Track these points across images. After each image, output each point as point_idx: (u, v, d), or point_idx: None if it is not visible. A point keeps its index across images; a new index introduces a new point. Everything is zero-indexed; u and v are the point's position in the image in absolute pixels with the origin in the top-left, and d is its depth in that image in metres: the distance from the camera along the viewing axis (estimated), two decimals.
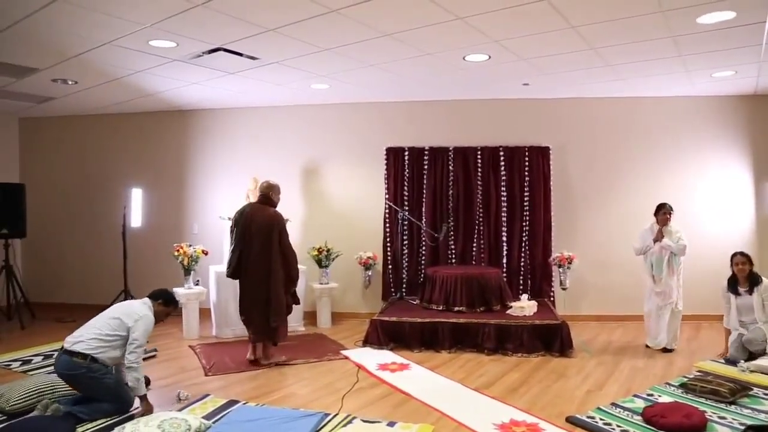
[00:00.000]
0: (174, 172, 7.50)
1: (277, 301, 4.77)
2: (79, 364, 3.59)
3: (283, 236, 4.76)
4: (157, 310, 3.93)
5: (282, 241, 4.74)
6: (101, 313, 3.86)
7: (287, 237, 4.77)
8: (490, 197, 6.78)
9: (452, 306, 5.79)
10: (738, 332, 4.84)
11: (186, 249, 6.04)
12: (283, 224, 4.78)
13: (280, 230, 4.77)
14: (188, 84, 5.96)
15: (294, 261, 4.77)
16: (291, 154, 7.20)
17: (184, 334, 6.08)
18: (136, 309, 3.81)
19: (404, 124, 7.02)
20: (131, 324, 3.69)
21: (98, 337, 3.67)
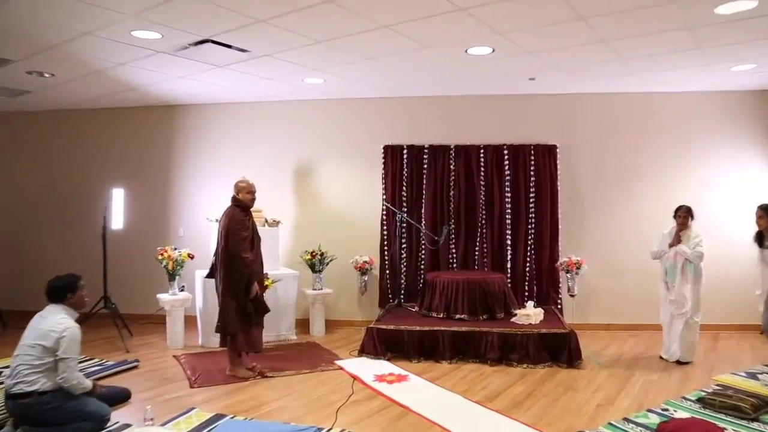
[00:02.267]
0: (158, 171, 7.47)
1: (222, 308, 4.75)
2: (29, 404, 3.45)
3: (229, 236, 4.68)
4: (74, 303, 3.73)
5: (226, 243, 4.68)
6: (20, 342, 3.62)
7: (234, 236, 4.66)
8: (494, 198, 6.77)
9: (453, 313, 5.77)
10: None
11: (171, 252, 6.02)
12: (231, 224, 4.69)
13: (226, 230, 4.71)
14: (174, 78, 5.93)
15: (238, 264, 4.63)
16: (283, 153, 7.19)
17: (168, 343, 6.06)
18: (51, 326, 3.57)
19: (403, 120, 7.01)
20: (52, 345, 3.53)
21: (32, 370, 3.51)
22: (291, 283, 6.43)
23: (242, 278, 4.70)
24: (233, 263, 4.70)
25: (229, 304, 4.74)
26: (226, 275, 4.75)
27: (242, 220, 4.79)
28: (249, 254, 4.73)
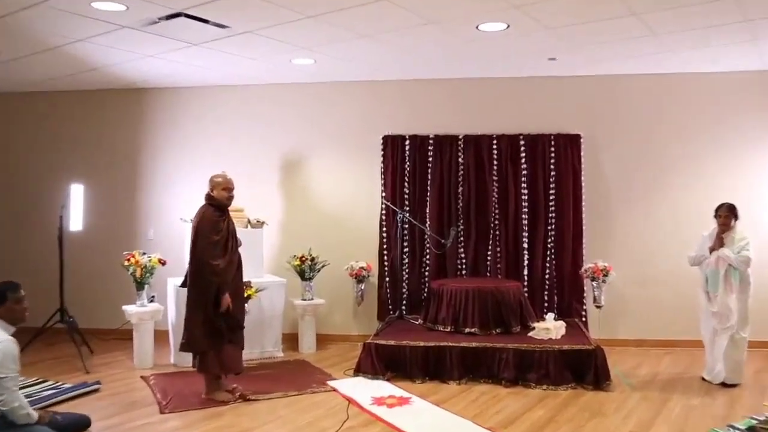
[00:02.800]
0: (124, 164, 7.45)
1: (186, 322, 4.75)
2: None
3: (197, 240, 4.65)
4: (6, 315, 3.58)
5: (194, 247, 4.67)
6: None
7: (203, 240, 4.63)
8: (509, 195, 6.75)
9: (462, 327, 5.78)
10: None
11: (139, 258, 6.00)
12: (200, 225, 4.66)
13: (195, 232, 4.69)
14: (142, 57, 5.90)
15: (206, 272, 4.61)
16: (269, 144, 7.19)
17: (135, 362, 6.02)
18: None
19: (405, 107, 7.01)
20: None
21: None
22: (277, 293, 6.41)
23: (210, 288, 4.66)
24: (201, 271, 4.66)
25: (194, 317, 4.71)
26: (193, 284, 4.72)
27: (215, 222, 4.76)
28: (219, 261, 4.68)
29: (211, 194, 4.84)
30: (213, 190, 4.84)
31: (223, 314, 4.70)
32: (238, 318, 4.87)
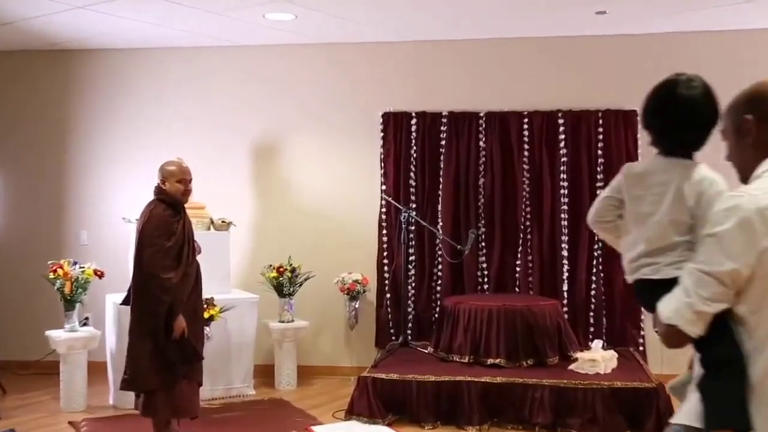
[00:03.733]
0: (49, 149, 7.39)
1: (129, 352, 4.67)
2: None
3: (144, 247, 4.56)
4: None
5: (139, 256, 4.61)
6: None
7: (151, 247, 4.54)
8: (543, 188, 6.73)
9: (484, 357, 5.76)
10: None
11: (68, 269, 5.88)
12: (148, 228, 4.58)
13: (141, 235, 4.62)
14: (70, 8, 5.81)
15: (154, 288, 4.53)
16: (236, 123, 7.19)
17: (62, 403, 5.94)
18: None
19: (410, 76, 7.01)
20: None
21: None
22: (248, 313, 6.39)
23: (160, 308, 4.54)
24: (148, 286, 4.57)
25: (139, 346, 4.60)
26: (138, 303, 4.64)
27: (167, 222, 4.65)
28: (172, 274, 4.56)
29: (163, 187, 4.73)
30: (165, 182, 4.73)
31: (176, 342, 4.57)
32: (195, 346, 4.75)
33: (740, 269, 1.86)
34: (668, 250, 2.13)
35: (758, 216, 1.85)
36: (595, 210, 2.46)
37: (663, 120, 2.25)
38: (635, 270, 2.21)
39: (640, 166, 2.33)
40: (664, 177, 2.20)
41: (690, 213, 2.12)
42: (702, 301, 1.90)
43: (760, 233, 1.84)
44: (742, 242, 1.86)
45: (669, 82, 2.23)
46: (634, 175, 2.28)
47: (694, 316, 1.92)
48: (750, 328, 1.90)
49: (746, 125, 1.98)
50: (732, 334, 1.92)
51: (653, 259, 2.15)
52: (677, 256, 2.10)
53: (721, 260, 1.88)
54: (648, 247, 2.17)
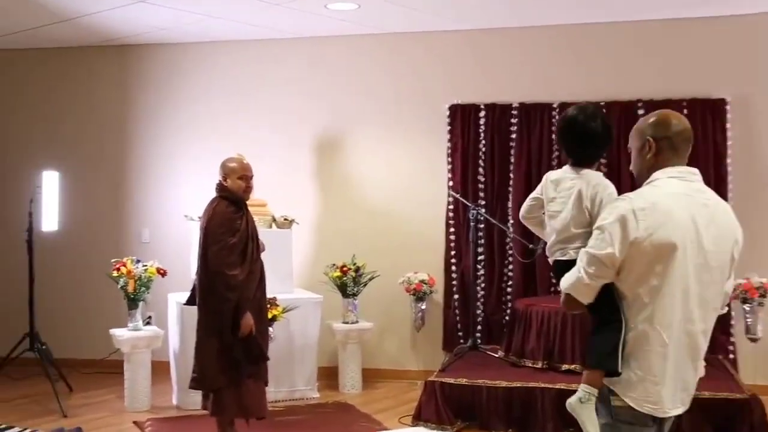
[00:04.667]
0: (108, 145, 7.51)
1: (198, 352, 4.75)
2: None
3: (209, 244, 4.68)
4: None
5: (204, 254, 4.69)
6: None
7: (216, 244, 4.65)
8: (622, 183, 6.34)
9: (558, 362, 5.71)
10: None
11: (131, 267, 6.01)
12: (212, 225, 4.69)
13: (205, 233, 4.71)
14: (133, 2, 5.92)
15: (221, 286, 4.61)
16: (298, 119, 7.22)
17: (126, 403, 6.05)
18: None
19: (478, 66, 6.97)
20: None
21: None
22: (311, 314, 6.44)
23: (226, 306, 4.63)
24: (214, 284, 4.65)
25: (207, 345, 4.69)
26: (204, 302, 4.71)
27: (231, 219, 4.73)
28: (238, 270, 4.64)
29: (224, 184, 4.82)
30: (226, 179, 4.81)
31: (244, 340, 4.66)
32: (261, 346, 4.84)
33: (616, 253, 2.50)
34: (573, 239, 2.86)
35: (632, 215, 2.48)
36: (524, 208, 3.21)
37: (570, 141, 2.98)
38: (552, 254, 2.97)
39: (555, 174, 3.03)
40: (571, 183, 2.93)
41: (587, 211, 2.84)
42: (589, 277, 2.55)
43: (632, 228, 2.47)
44: (619, 233, 2.49)
45: (573, 113, 2.96)
46: (551, 181, 3.02)
47: (584, 287, 2.58)
48: (628, 302, 2.56)
49: (647, 145, 2.63)
50: (613, 302, 2.58)
51: (563, 246, 2.90)
52: (579, 243, 2.78)
53: (603, 246, 2.52)
54: (558, 236, 2.92)
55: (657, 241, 2.47)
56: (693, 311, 2.54)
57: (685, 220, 2.50)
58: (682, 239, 2.48)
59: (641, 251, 2.48)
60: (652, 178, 2.63)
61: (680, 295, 2.51)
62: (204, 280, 4.72)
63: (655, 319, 2.50)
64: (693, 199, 2.56)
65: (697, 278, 2.53)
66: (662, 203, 2.51)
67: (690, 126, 2.68)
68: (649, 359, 2.51)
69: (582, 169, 2.94)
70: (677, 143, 2.62)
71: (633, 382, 2.51)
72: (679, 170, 2.61)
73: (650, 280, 2.50)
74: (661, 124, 2.64)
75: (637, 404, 2.51)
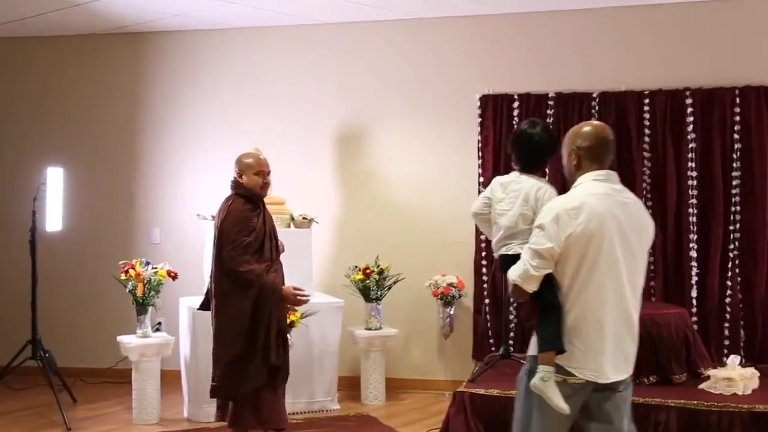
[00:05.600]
0: (118, 139, 7.53)
1: (217, 354, 4.78)
2: None
3: (223, 244, 4.70)
4: None
5: (219, 254, 4.73)
6: None
7: (230, 244, 4.67)
8: (667, 179, 6.62)
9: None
10: None
11: (140, 270, 5.98)
12: (227, 224, 4.72)
13: (220, 232, 4.72)
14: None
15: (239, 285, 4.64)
16: (318, 111, 7.24)
17: (134, 414, 6.04)
18: None
19: (511, 53, 6.96)
20: None
21: None
22: (331, 319, 6.41)
23: (245, 306, 4.66)
24: (231, 285, 4.68)
25: (227, 349, 4.69)
26: (222, 306, 4.72)
27: (247, 218, 4.74)
28: (255, 266, 4.67)
29: (240, 181, 4.83)
30: (242, 176, 4.82)
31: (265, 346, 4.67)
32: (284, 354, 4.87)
33: (554, 247, 3.11)
34: (518, 234, 3.56)
35: (565, 213, 3.11)
36: (476, 206, 3.91)
37: (519, 151, 3.74)
38: (498, 249, 3.67)
39: (504, 178, 3.76)
40: (518, 186, 3.65)
41: (531, 210, 3.52)
42: (534, 269, 3.14)
43: (566, 224, 3.09)
44: (556, 230, 3.10)
45: (524, 127, 3.78)
46: (500, 184, 3.74)
47: (530, 278, 3.16)
48: (566, 290, 3.17)
49: (575, 152, 3.27)
50: (553, 289, 3.18)
51: (508, 241, 3.61)
52: (523, 239, 3.42)
53: (543, 241, 3.13)
54: (506, 233, 3.62)
55: (587, 234, 3.09)
56: (624, 291, 3.19)
57: (610, 216, 3.13)
58: (608, 232, 3.12)
59: (575, 244, 3.10)
60: (579, 181, 3.26)
61: (611, 279, 3.14)
62: (220, 282, 4.73)
63: (590, 300, 3.13)
64: (614, 198, 3.21)
65: (624, 263, 3.17)
66: (590, 203, 3.14)
67: (612, 136, 3.33)
68: (588, 335, 3.13)
69: (528, 175, 3.67)
70: (599, 151, 3.27)
71: (576, 355, 3.14)
72: (601, 173, 3.24)
73: (584, 267, 3.12)
74: (586, 135, 3.29)
75: (581, 373, 3.13)
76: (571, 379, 3.14)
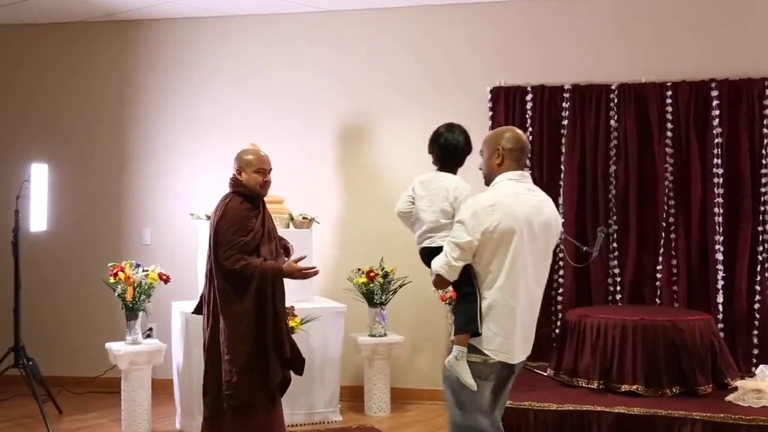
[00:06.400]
0: (109, 135, 7.53)
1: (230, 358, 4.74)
2: None
3: (218, 244, 4.71)
4: None
5: (215, 256, 4.74)
6: None
7: (226, 245, 4.68)
8: (691, 177, 6.59)
9: (617, 383, 5.64)
10: None
11: (130, 272, 5.97)
12: (223, 224, 4.73)
13: (215, 234, 4.72)
14: None
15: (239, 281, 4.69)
16: (319, 103, 7.26)
17: (123, 427, 6.04)
18: None
19: (524, 42, 6.97)
20: None
21: None
22: (333, 325, 6.43)
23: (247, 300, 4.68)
24: (229, 286, 4.68)
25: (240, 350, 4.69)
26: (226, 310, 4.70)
27: (244, 218, 4.74)
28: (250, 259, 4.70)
29: (239, 178, 4.83)
30: (241, 173, 4.82)
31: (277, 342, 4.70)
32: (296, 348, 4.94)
33: (473, 241, 3.56)
34: (440, 228, 3.91)
35: (483, 210, 3.57)
36: (400, 205, 4.21)
37: (437, 151, 4.13)
38: (421, 242, 4.03)
39: (424, 177, 4.12)
40: (438, 183, 4.03)
41: (451, 206, 3.91)
42: (455, 260, 3.60)
43: (483, 220, 3.54)
44: (474, 224, 3.55)
45: (441, 129, 4.14)
46: (421, 182, 4.11)
47: (450, 268, 3.62)
48: (481, 279, 3.65)
49: (500, 152, 3.73)
50: (470, 279, 3.66)
51: (431, 234, 3.96)
52: (445, 233, 3.82)
53: (463, 235, 3.58)
54: (428, 227, 3.98)
55: (502, 229, 3.56)
56: (531, 282, 3.70)
57: (522, 213, 3.60)
58: (519, 227, 3.58)
59: (491, 238, 3.56)
60: (496, 180, 3.74)
61: (521, 270, 3.62)
62: (220, 287, 4.73)
63: (504, 289, 3.61)
64: (526, 197, 3.69)
65: (532, 257, 3.67)
66: (504, 200, 3.62)
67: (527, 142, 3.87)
68: (501, 320, 3.61)
69: (446, 174, 4.07)
70: (519, 155, 3.76)
71: (490, 337, 3.61)
72: (516, 174, 3.72)
73: (498, 259, 3.59)
74: (510, 138, 3.76)
75: (494, 354, 3.62)
76: (490, 360, 3.62)
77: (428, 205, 4.00)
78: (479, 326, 3.59)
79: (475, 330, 3.60)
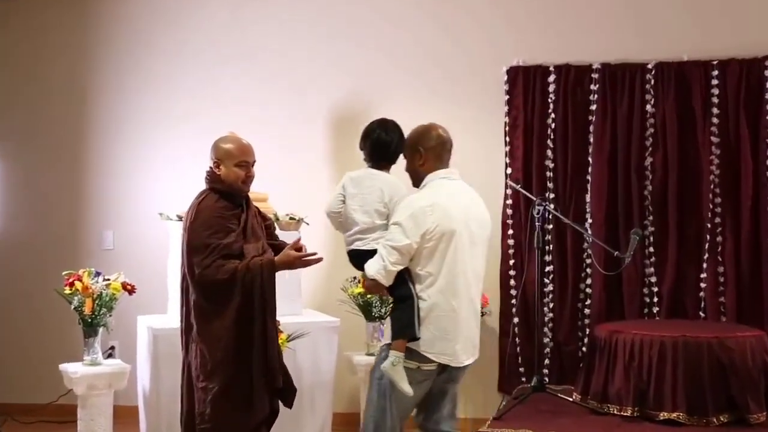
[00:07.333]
0: (66, 126, 7.56)
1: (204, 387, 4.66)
2: None
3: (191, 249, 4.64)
4: None
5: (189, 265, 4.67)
6: None
7: (200, 255, 4.57)
8: (741, 169, 6.58)
9: (654, 410, 5.65)
10: None
11: (88, 282, 5.85)
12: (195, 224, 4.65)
13: (188, 238, 4.65)
14: None
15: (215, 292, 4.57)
16: (309, 88, 7.33)
17: None
18: None
19: (546, 15, 7.04)
20: None
21: None
22: (325, 342, 6.41)
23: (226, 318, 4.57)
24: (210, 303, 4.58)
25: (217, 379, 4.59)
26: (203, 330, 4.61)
27: (222, 217, 4.65)
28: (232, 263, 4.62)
29: (217, 172, 4.73)
30: (219, 166, 4.72)
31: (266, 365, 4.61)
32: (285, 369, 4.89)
33: (411, 243, 3.87)
34: (374, 229, 4.14)
35: (420, 212, 3.88)
36: (332, 204, 4.38)
37: (370, 148, 4.31)
38: (350, 243, 4.24)
39: (356, 173, 4.33)
40: (371, 182, 4.23)
41: (385, 206, 4.15)
42: (390, 264, 3.88)
43: (422, 222, 3.85)
44: (412, 227, 3.86)
45: (373, 126, 4.32)
46: (352, 179, 4.31)
47: (387, 273, 3.90)
48: (420, 280, 3.95)
49: (418, 153, 4.10)
50: (405, 282, 3.96)
51: (363, 236, 4.17)
52: (378, 235, 4.09)
53: (401, 239, 3.87)
54: (360, 227, 4.18)
55: (441, 230, 3.88)
56: (471, 281, 4.05)
57: (458, 212, 3.95)
58: (458, 226, 3.92)
59: (430, 240, 3.87)
60: (427, 180, 4.09)
61: (461, 270, 3.96)
62: (196, 302, 4.67)
63: (445, 290, 3.92)
64: (459, 196, 4.05)
65: (471, 254, 4.02)
66: (441, 201, 3.95)
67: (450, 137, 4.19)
68: (442, 322, 3.91)
69: (379, 171, 4.28)
70: (441, 151, 4.11)
71: (431, 341, 3.90)
72: (445, 173, 4.09)
73: (437, 260, 3.91)
74: (428, 137, 4.11)
75: (437, 358, 3.92)
76: (425, 366, 3.93)
77: (360, 204, 4.22)
78: (417, 330, 3.88)
79: (412, 335, 3.88)
